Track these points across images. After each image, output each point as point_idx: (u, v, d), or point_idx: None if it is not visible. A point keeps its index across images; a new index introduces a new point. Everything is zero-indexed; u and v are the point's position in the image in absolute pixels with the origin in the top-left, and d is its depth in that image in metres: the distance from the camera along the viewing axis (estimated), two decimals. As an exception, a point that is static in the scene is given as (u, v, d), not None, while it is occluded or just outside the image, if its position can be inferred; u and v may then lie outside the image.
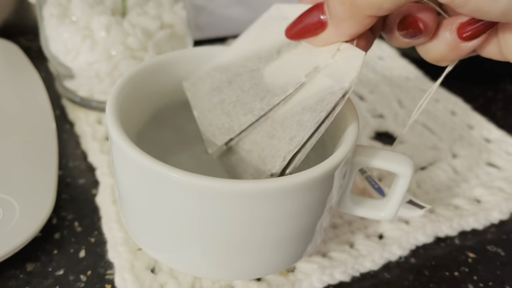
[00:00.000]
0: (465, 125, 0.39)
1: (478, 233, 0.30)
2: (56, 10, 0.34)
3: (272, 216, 0.21)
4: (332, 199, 0.23)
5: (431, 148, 0.36)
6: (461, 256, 0.28)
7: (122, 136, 0.21)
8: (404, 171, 0.23)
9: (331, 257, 0.27)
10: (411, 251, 0.28)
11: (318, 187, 0.21)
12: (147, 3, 0.36)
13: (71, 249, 0.27)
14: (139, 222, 0.23)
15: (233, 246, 0.22)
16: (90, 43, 0.33)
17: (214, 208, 0.20)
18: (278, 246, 0.23)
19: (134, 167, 0.21)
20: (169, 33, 0.35)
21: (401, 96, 0.41)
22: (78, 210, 0.29)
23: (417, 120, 0.39)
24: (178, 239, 0.22)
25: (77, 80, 0.35)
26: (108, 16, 0.33)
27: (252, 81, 0.24)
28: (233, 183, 0.20)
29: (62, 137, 0.34)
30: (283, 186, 0.20)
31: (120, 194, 0.24)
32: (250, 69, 0.24)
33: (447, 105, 0.41)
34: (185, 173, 0.20)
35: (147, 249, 0.24)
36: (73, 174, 0.31)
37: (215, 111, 0.24)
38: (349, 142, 0.22)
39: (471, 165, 0.34)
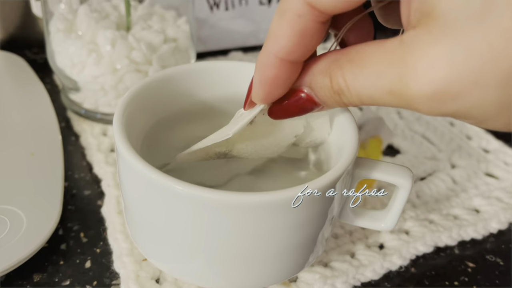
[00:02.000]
0: (464, 135, 0.39)
1: (477, 243, 0.30)
2: (62, 25, 0.35)
3: (275, 227, 0.21)
4: (333, 211, 0.23)
5: (430, 159, 0.36)
6: (460, 265, 0.29)
7: (128, 149, 0.21)
8: (404, 183, 0.23)
9: (332, 267, 0.27)
10: (411, 261, 0.28)
11: (320, 199, 0.22)
12: (151, 17, 0.37)
13: (77, 260, 0.27)
14: (144, 233, 0.24)
15: (237, 257, 0.22)
16: (95, 57, 0.34)
17: (218, 220, 0.21)
18: (281, 256, 0.23)
19: (140, 179, 0.21)
20: (172, 46, 0.35)
21: (401, 107, 0.42)
22: (83, 221, 0.29)
23: (416, 131, 0.39)
24: (182, 250, 0.23)
25: (82, 92, 0.36)
26: (113, 31, 0.34)
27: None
28: (236, 196, 0.20)
29: (67, 149, 0.35)
30: (286, 198, 0.20)
31: (125, 205, 0.24)
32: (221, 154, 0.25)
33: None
34: (190, 186, 0.20)
35: (152, 259, 0.25)
36: (78, 186, 0.32)
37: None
38: (350, 155, 0.22)
39: (470, 176, 0.35)
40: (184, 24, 0.37)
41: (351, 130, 0.24)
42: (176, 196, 0.21)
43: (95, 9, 0.36)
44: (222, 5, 0.46)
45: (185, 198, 0.20)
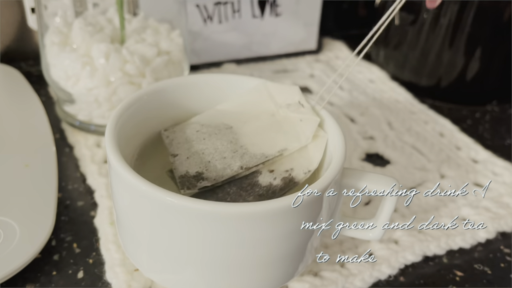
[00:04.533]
0: (453, 146, 0.40)
1: (466, 252, 0.31)
2: (57, 38, 0.36)
3: (264, 237, 0.22)
4: (322, 220, 0.24)
5: (419, 169, 0.37)
6: (449, 274, 0.29)
7: (119, 160, 0.22)
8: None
9: (322, 276, 0.27)
10: (400, 270, 0.29)
11: (307, 209, 0.22)
12: (145, 30, 0.37)
13: (69, 270, 0.27)
14: (135, 243, 0.24)
15: (227, 266, 0.23)
16: (89, 69, 0.34)
17: (208, 230, 0.21)
18: (270, 266, 0.23)
19: (130, 191, 0.22)
20: (166, 59, 0.36)
21: (391, 118, 0.43)
22: (76, 231, 0.30)
23: (406, 142, 0.40)
24: (173, 260, 0.23)
25: (76, 104, 0.37)
26: (107, 44, 0.34)
27: (230, 137, 0.26)
28: (226, 206, 0.20)
29: (61, 160, 0.35)
30: (273, 208, 0.21)
31: (117, 216, 0.25)
32: (229, 126, 0.27)
33: (435, 127, 0.42)
34: (180, 197, 0.21)
35: (144, 269, 0.25)
36: (72, 197, 0.32)
37: (193, 159, 0.25)
38: (337, 166, 0.23)
39: (459, 186, 0.35)
40: (178, 37, 0.38)
41: (339, 142, 0.24)
42: (166, 207, 0.21)
43: (90, 23, 0.36)
44: (216, 18, 0.47)
45: (175, 209, 0.21)
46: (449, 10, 0.43)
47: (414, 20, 0.46)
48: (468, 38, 0.43)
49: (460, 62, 0.45)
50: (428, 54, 0.46)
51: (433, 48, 0.45)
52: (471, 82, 0.46)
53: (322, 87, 0.47)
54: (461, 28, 0.43)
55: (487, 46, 0.44)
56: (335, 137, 0.25)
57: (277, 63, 0.51)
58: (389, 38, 0.49)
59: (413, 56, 0.47)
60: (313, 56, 0.52)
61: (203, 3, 0.46)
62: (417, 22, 0.45)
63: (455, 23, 0.43)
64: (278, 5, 0.48)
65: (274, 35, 0.50)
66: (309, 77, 0.49)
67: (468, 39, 0.43)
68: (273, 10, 0.48)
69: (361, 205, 0.33)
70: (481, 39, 0.43)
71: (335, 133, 0.25)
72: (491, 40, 0.43)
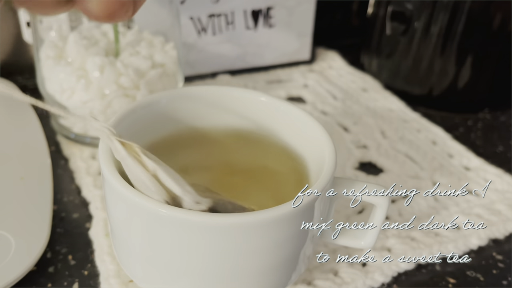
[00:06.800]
0: (446, 154, 0.40)
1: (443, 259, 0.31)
2: (52, 52, 0.36)
3: (256, 247, 0.22)
4: (314, 229, 0.24)
5: (412, 177, 0.37)
6: (441, 281, 0.29)
7: (113, 172, 0.22)
8: (380, 202, 0.24)
9: (315, 285, 0.28)
10: (393, 278, 0.29)
11: (299, 218, 0.22)
12: (140, 43, 0.38)
13: (64, 282, 0.27)
14: (129, 255, 0.24)
15: (220, 277, 0.23)
16: (84, 82, 0.35)
17: (201, 241, 0.21)
18: (263, 275, 0.24)
19: (124, 202, 0.22)
20: (160, 72, 0.36)
21: (384, 127, 0.43)
22: (72, 243, 0.30)
23: (399, 150, 0.40)
24: (167, 272, 0.23)
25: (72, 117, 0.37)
26: (101, 57, 0.35)
27: None
28: (217, 217, 0.21)
29: (57, 172, 0.36)
30: (265, 218, 0.21)
31: (112, 228, 0.25)
32: None
33: (428, 135, 0.42)
34: (173, 208, 0.21)
35: (138, 281, 0.25)
36: (67, 209, 0.33)
37: None
38: (327, 175, 0.23)
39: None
40: (172, 50, 0.39)
41: (330, 152, 0.25)
42: (160, 219, 0.21)
43: (85, 36, 0.37)
44: (210, 30, 0.47)
45: (169, 221, 0.21)
46: (439, 19, 0.43)
47: (406, 30, 0.46)
48: (459, 47, 0.44)
49: (451, 71, 0.45)
50: (420, 63, 0.46)
51: (424, 57, 0.46)
52: (463, 90, 0.46)
53: (315, 97, 0.47)
54: (451, 37, 0.44)
55: (478, 55, 0.44)
56: (326, 147, 0.25)
57: (271, 74, 0.51)
58: (382, 48, 0.50)
59: (405, 65, 0.48)
60: (307, 66, 0.53)
61: (197, 16, 0.46)
62: (408, 31, 0.46)
63: (446, 32, 0.44)
64: (271, 16, 0.49)
65: (268, 46, 0.50)
66: (302, 87, 0.50)
67: (459, 47, 0.44)
68: (267, 22, 0.49)
69: (354, 214, 0.33)
70: (472, 48, 0.44)
71: (326, 142, 0.25)
72: (482, 48, 0.44)
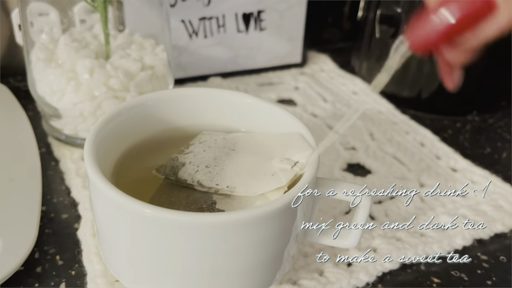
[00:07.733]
0: (433, 155, 0.41)
1: (443, 259, 0.31)
2: (43, 54, 0.36)
3: (239, 245, 0.22)
4: (297, 228, 0.24)
5: (400, 179, 0.38)
6: (426, 281, 0.30)
7: (97, 173, 0.22)
8: (363, 202, 0.25)
9: (300, 284, 0.28)
10: (378, 278, 0.29)
11: (281, 218, 0.23)
12: (130, 46, 0.38)
13: (51, 282, 0.28)
14: (115, 255, 0.25)
15: (205, 275, 0.23)
16: (74, 84, 0.35)
17: (184, 240, 0.22)
18: (248, 273, 0.24)
19: (108, 203, 0.22)
20: (150, 74, 0.37)
21: (373, 129, 0.44)
22: (60, 244, 0.30)
23: (387, 152, 0.41)
24: (151, 271, 0.23)
25: (62, 119, 0.37)
26: (91, 60, 0.35)
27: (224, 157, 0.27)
28: (201, 217, 0.21)
29: (47, 173, 0.36)
30: (247, 217, 0.21)
31: (97, 228, 0.25)
32: (233, 149, 0.28)
33: (416, 137, 0.43)
34: (158, 208, 0.21)
35: (123, 280, 0.25)
36: (56, 209, 0.33)
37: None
38: (309, 175, 0.23)
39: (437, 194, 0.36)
40: (162, 52, 0.39)
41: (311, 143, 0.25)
42: (144, 219, 0.22)
43: (76, 39, 0.37)
44: (201, 33, 0.48)
45: (153, 221, 0.21)
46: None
47: (395, 33, 0.47)
48: (447, 50, 0.44)
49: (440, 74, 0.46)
50: (409, 66, 0.47)
51: (413, 60, 0.46)
52: (452, 93, 0.47)
53: (306, 99, 0.48)
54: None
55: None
56: (309, 147, 0.25)
57: (262, 76, 0.52)
58: (371, 51, 0.50)
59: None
60: (298, 69, 0.53)
61: (188, 19, 0.47)
62: (397, 34, 0.47)
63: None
64: (263, 19, 0.49)
65: (259, 49, 0.51)
66: (293, 89, 0.50)
67: (448, 51, 0.44)
68: (258, 25, 0.49)
69: (341, 214, 0.34)
70: (460, 51, 0.44)
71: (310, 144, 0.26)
72: (470, 52, 0.45)
